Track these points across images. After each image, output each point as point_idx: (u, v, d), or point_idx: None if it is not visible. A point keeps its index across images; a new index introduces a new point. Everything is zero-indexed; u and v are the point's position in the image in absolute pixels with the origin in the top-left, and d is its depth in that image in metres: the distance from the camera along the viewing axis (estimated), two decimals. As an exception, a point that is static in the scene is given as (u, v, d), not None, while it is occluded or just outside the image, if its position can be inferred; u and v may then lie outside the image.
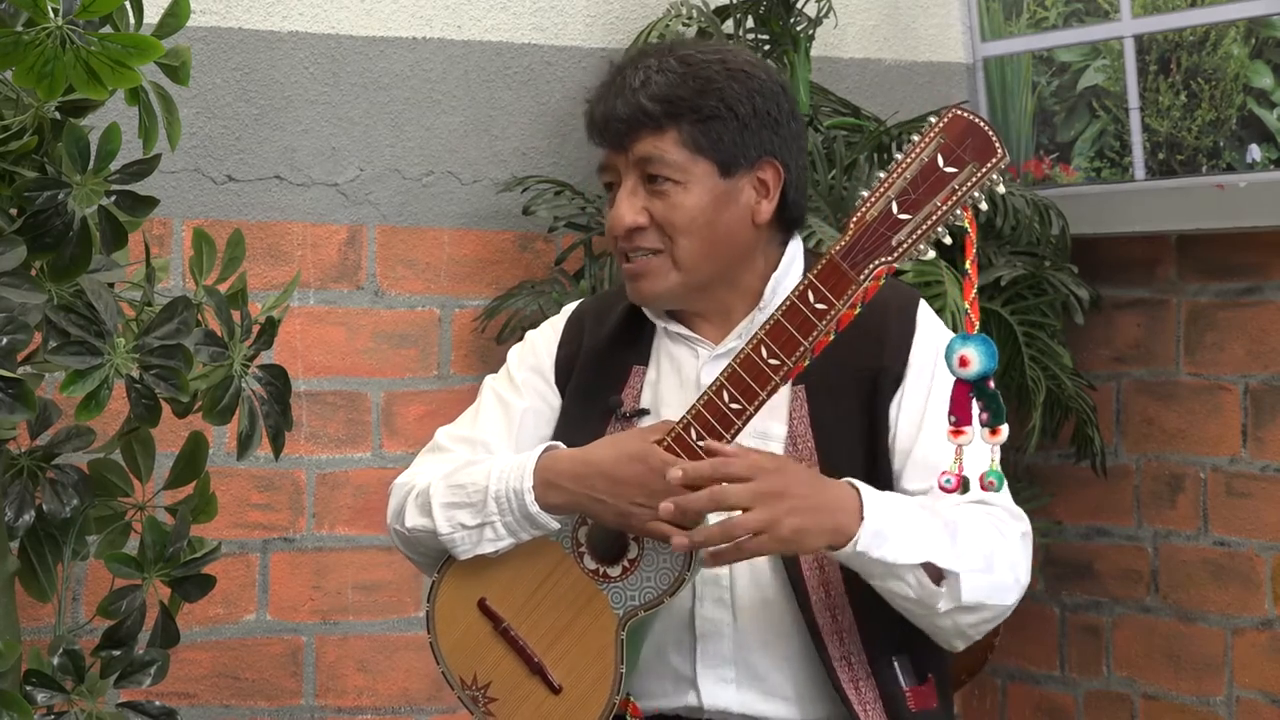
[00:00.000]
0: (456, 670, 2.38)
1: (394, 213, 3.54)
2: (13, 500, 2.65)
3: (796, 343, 2.22)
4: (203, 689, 3.39)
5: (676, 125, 2.34)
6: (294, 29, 3.46)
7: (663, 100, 2.34)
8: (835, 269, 2.21)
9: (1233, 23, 3.43)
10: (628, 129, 2.35)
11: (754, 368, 2.23)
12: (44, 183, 2.43)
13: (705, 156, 2.35)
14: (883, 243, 2.20)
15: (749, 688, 2.36)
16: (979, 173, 2.17)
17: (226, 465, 3.31)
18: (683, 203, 2.35)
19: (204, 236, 2.74)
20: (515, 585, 2.36)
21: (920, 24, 3.94)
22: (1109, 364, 3.76)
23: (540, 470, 2.32)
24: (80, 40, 2.28)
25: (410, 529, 2.42)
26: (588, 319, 2.52)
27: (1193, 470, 3.61)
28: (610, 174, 2.41)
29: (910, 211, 2.19)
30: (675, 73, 2.35)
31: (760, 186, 2.38)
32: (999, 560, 2.27)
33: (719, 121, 2.34)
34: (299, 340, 3.46)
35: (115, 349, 2.45)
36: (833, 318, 2.21)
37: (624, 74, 2.38)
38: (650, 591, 2.31)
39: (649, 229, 2.36)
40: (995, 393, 2.11)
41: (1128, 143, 3.62)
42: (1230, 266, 3.55)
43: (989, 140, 2.17)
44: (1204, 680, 3.58)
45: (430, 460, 2.51)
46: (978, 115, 2.19)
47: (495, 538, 2.34)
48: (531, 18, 3.62)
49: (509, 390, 2.51)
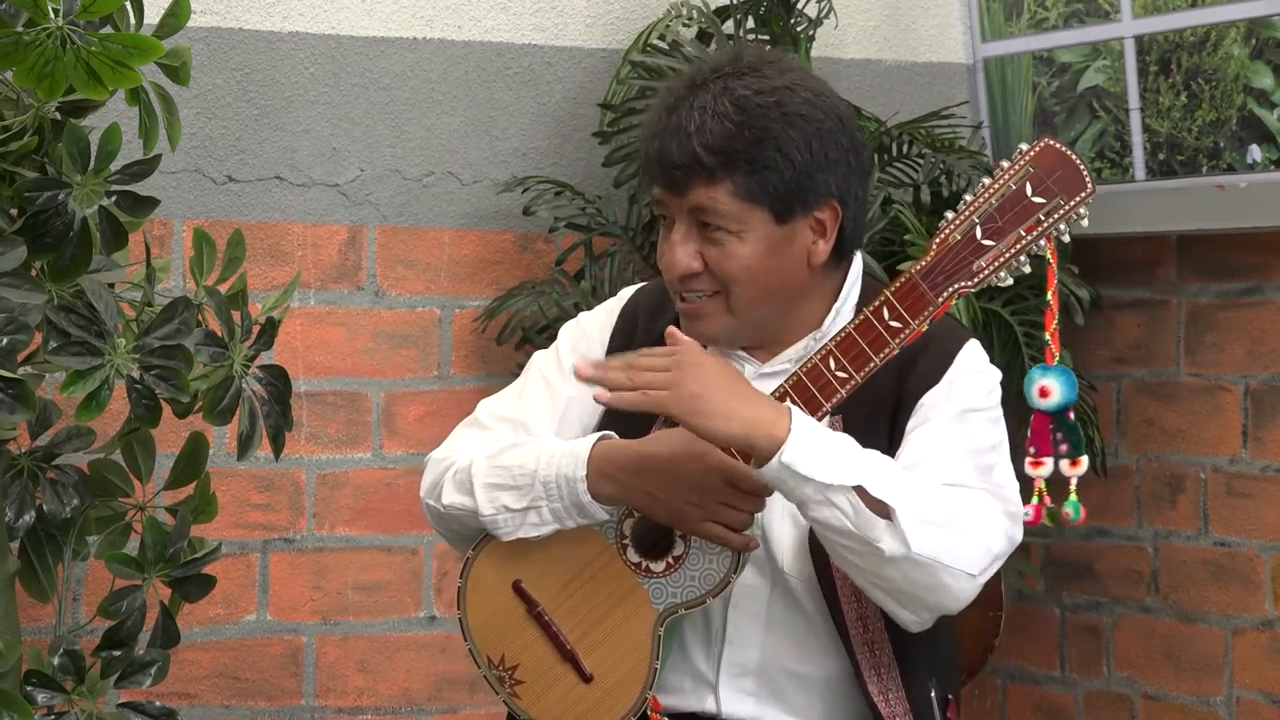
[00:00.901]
0: (484, 648, 2.37)
1: (394, 213, 3.54)
2: (13, 500, 2.65)
3: (867, 358, 2.21)
4: (203, 689, 3.39)
5: (731, 176, 2.27)
6: (294, 29, 3.46)
7: (718, 151, 2.26)
8: (914, 288, 2.21)
9: (1233, 23, 3.43)
10: (683, 176, 2.29)
11: (820, 378, 2.22)
12: (44, 183, 2.43)
13: (760, 206, 2.28)
14: (964, 266, 2.20)
15: (770, 702, 2.34)
16: (1066, 205, 2.17)
17: (227, 465, 3.31)
18: (737, 252, 2.30)
19: (204, 237, 2.74)
20: (553, 570, 2.34)
21: (920, 24, 3.94)
22: (1109, 364, 3.76)
23: (595, 459, 2.29)
24: (81, 40, 2.28)
25: (447, 506, 2.39)
26: (642, 311, 2.47)
27: (1193, 470, 3.61)
28: (664, 208, 2.35)
29: (994, 238, 2.19)
30: (731, 120, 2.27)
31: (818, 227, 2.32)
32: (965, 521, 2.19)
33: (775, 172, 2.27)
34: (299, 341, 3.46)
35: (115, 349, 2.45)
36: (905, 336, 2.21)
37: (679, 114, 2.30)
38: (693, 590, 2.30)
39: (703, 274, 2.32)
40: (1075, 424, 2.11)
41: (1128, 143, 3.62)
42: (1230, 267, 3.54)
43: (1079, 174, 2.17)
44: (1204, 680, 3.58)
45: (470, 436, 2.46)
46: (1069, 148, 2.19)
47: (540, 522, 2.32)
48: (531, 18, 3.62)
49: (557, 375, 2.46)
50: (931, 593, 2.20)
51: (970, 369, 2.33)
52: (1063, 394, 2.10)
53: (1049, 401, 2.10)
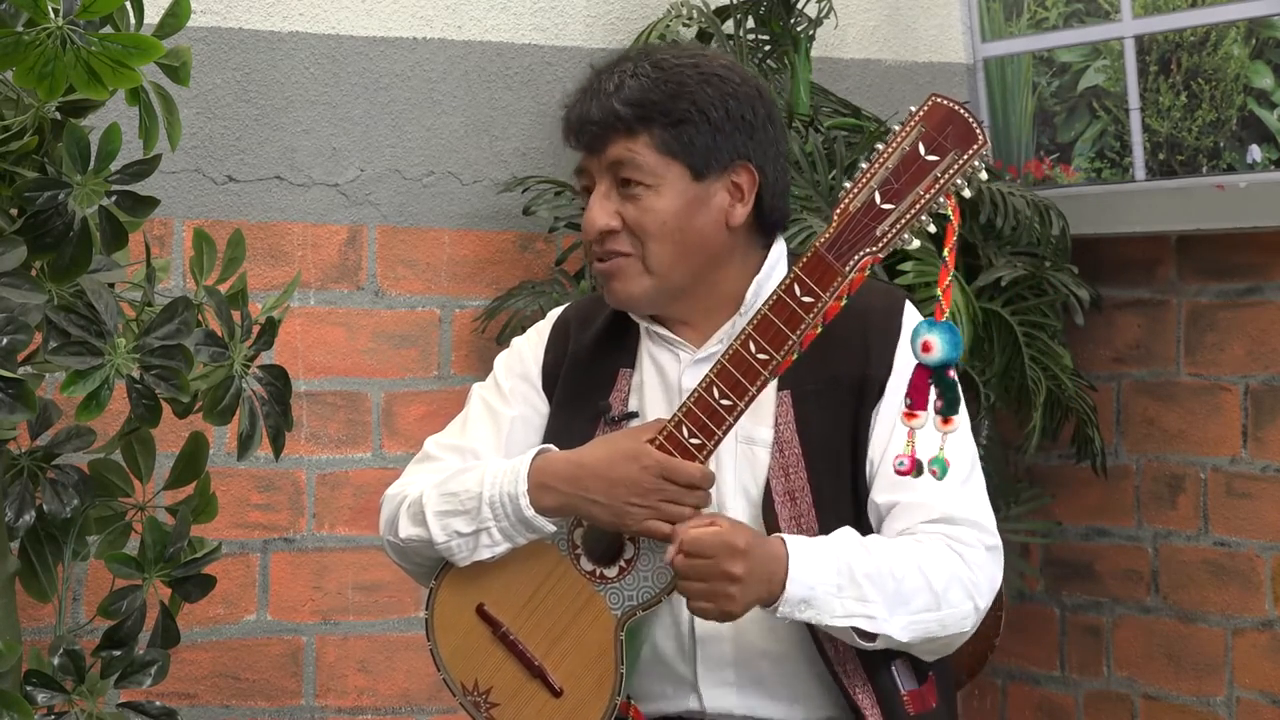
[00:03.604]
0: (458, 676, 2.38)
1: (394, 213, 3.54)
2: (13, 500, 2.65)
3: (784, 337, 2.22)
4: (203, 689, 3.39)
5: (648, 129, 2.34)
6: (294, 29, 3.46)
7: (635, 104, 2.34)
8: (820, 261, 2.21)
9: (1233, 23, 3.43)
10: (600, 132, 2.36)
11: (743, 363, 2.24)
12: (44, 183, 2.43)
13: (677, 160, 2.35)
14: (867, 233, 2.20)
15: (751, 691, 2.36)
16: (961, 159, 2.17)
17: (227, 465, 3.31)
18: (654, 206, 2.35)
19: (204, 237, 2.74)
20: (513, 589, 2.36)
21: (921, 25, 3.94)
22: (1109, 364, 3.76)
23: (534, 473, 2.32)
24: (81, 40, 2.28)
25: (405, 539, 2.42)
26: (573, 324, 2.52)
27: (1193, 470, 3.61)
28: (585, 177, 2.42)
29: (893, 201, 2.19)
30: (648, 77, 2.35)
31: (734, 190, 2.38)
32: (954, 593, 2.27)
33: (690, 125, 2.34)
34: (299, 340, 3.46)
35: (116, 349, 2.45)
36: (819, 310, 2.21)
37: (600, 78, 2.39)
38: (648, 590, 2.31)
39: (621, 232, 2.37)
40: (954, 382, 2.11)
41: (1128, 143, 3.62)
42: (1230, 267, 3.54)
43: (969, 127, 2.17)
44: (1204, 680, 3.58)
45: (421, 470, 2.50)
46: (957, 102, 2.19)
47: (491, 543, 2.34)
48: (531, 18, 3.62)
49: (497, 398, 2.51)
50: (927, 652, 2.33)
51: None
52: (944, 350, 2.09)
53: (930, 356, 2.10)
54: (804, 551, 2.24)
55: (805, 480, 2.33)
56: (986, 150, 2.17)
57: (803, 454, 2.34)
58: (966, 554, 2.30)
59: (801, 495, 2.33)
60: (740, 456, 2.35)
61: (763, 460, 2.35)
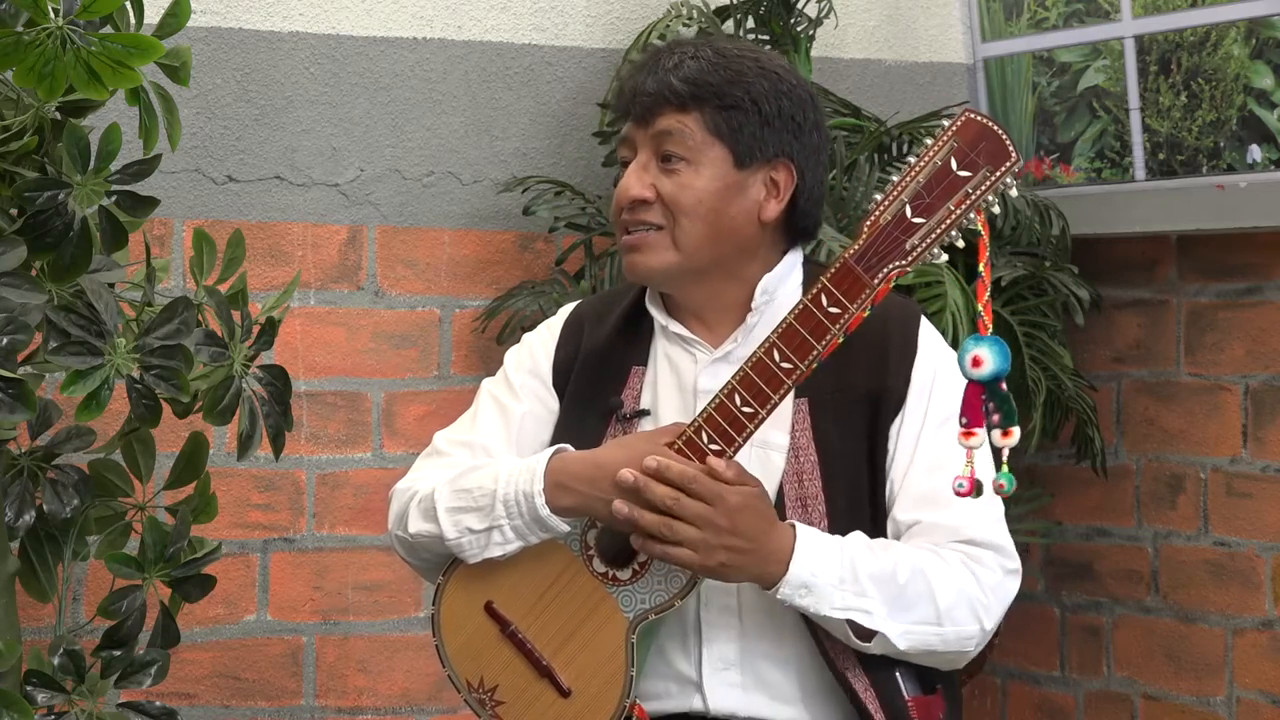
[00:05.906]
0: (463, 673, 2.38)
1: (394, 213, 3.54)
2: (13, 500, 2.65)
3: (810, 346, 2.22)
4: (203, 689, 3.39)
5: (700, 107, 2.36)
6: (294, 29, 3.46)
7: (691, 82, 2.36)
8: (849, 272, 2.21)
9: (1233, 23, 3.43)
10: (652, 104, 2.37)
11: (766, 371, 2.23)
12: (44, 183, 2.43)
13: (722, 142, 2.36)
14: (896, 246, 2.20)
15: (755, 691, 2.36)
16: (992, 176, 2.17)
17: (227, 465, 3.31)
18: (692, 183, 2.36)
19: (204, 237, 2.74)
20: (522, 588, 2.35)
21: (921, 24, 3.94)
22: (1109, 364, 3.76)
23: (551, 473, 2.31)
24: (80, 40, 2.28)
25: (414, 534, 2.41)
26: (586, 320, 2.51)
27: (1193, 470, 3.61)
28: (627, 148, 2.42)
29: (924, 215, 2.19)
30: (709, 60, 2.37)
31: (771, 185, 2.39)
32: (960, 611, 2.28)
33: (741, 112, 2.36)
34: (299, 340, 3.46)
35: (116, 349, 2.45)
36: (846, 321, 2.22)
37: (660, 56, 2.41)
38: (661, 594, 2.30)
39: (654, 204, 2.37)
40: (1008, 394, 2.10)
41: (1128, 143, 3.62)
42: (1230, 267, 3.55)
43: (1002, 144, 2.17)
44: (1204, 680, 3.58)
45: (430, 465, 2.50)
46: (991, 118, 2.19)
47: (503, 541, 2.34)
48: (531, 18, 3.62)
49: (507, 394, 2.50)
50: (931, 659, 2.33)
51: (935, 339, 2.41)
52: (995, 364, 2.09)
53: (981, 371, 2.10)
54: (813, 539, 2.25)
55: (819, 488, 2.33)
56: (1018, 167, 2.17)
57: (818, 461, 2.34)
58: (982, 575, 2.31)
59: (814, 502, 2.33)
60: (755, 460, 2.34)
61: (777, 465, 2.35)
